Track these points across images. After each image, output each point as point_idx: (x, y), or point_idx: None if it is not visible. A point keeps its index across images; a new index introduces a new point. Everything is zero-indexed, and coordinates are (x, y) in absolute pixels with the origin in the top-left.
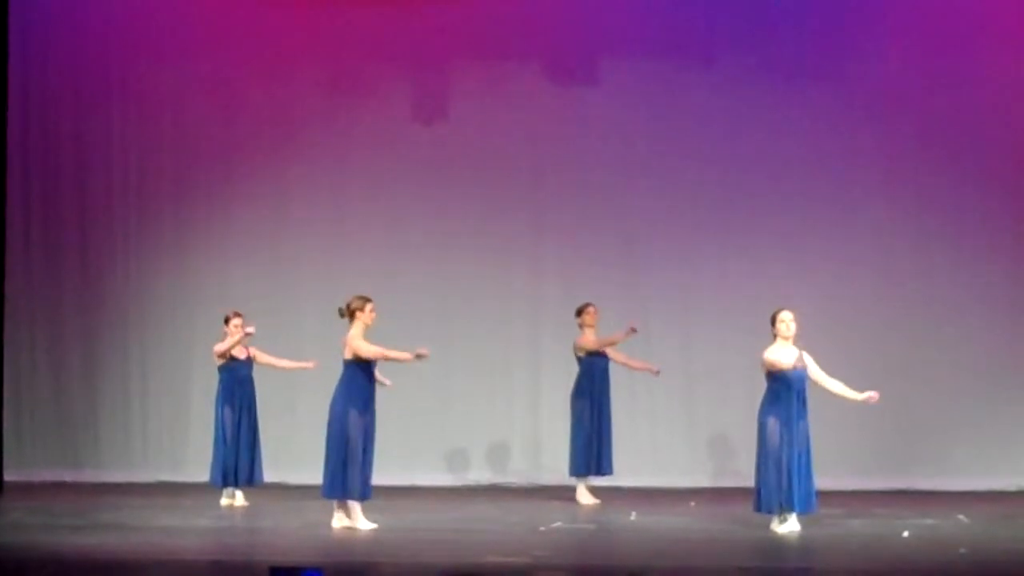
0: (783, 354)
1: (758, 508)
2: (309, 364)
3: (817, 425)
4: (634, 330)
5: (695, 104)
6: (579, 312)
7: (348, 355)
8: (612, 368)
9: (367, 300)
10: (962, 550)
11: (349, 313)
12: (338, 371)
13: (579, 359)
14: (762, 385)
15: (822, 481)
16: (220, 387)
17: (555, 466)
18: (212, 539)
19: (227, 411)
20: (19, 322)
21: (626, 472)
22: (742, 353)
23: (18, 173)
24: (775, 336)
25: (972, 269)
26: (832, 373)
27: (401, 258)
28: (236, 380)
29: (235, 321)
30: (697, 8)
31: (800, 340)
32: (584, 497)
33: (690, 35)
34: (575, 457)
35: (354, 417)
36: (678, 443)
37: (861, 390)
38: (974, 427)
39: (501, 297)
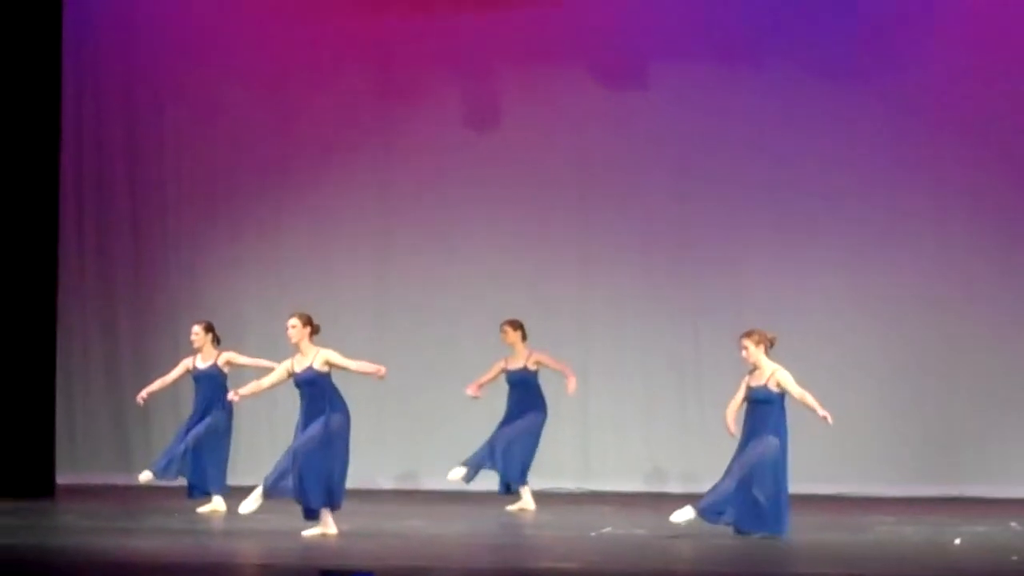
0: None
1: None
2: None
3: (867, 432)
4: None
5: (743, 106)
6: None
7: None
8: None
9: None
10: (1014, 557)
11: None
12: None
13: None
14: None
15: (875, 487)
16: (221, 393)
17: (602, 472)
18: (262, 542)
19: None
20: (72, 327)
21: (678, 478)
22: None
23: (71, 181)
24: (766, 353)
25: (1018, 271)
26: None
27: (450, 264)
28: None
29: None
30: (744, 10)
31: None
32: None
33: (738, 37)
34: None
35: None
36: (725, 450)
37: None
38: None
39: (549, 301)
